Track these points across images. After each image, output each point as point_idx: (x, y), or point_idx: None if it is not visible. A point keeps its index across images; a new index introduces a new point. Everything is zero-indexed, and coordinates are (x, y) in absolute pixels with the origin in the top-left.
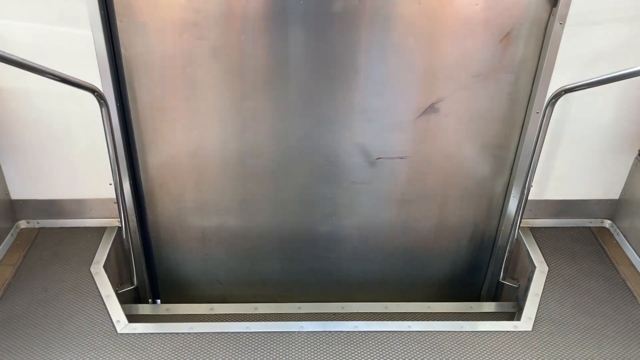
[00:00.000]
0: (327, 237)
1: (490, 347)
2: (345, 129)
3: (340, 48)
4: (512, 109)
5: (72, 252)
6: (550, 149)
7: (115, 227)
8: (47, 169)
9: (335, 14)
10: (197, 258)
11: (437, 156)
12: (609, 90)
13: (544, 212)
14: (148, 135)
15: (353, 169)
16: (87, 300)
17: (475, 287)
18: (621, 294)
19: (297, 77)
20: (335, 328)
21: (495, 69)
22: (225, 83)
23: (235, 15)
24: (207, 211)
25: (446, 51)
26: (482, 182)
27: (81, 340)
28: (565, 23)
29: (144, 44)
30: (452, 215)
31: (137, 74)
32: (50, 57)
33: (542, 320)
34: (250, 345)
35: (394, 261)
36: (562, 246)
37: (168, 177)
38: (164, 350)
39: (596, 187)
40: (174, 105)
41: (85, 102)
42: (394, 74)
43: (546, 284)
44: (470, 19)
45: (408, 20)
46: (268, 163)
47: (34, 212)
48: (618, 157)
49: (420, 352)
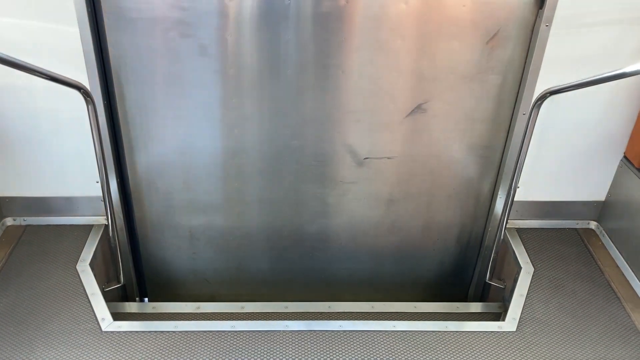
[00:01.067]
0: (315, 236)
1: (475, 347)
2: (333, 129)
3: (328, 48)
4: (498, 110)
5: (58, 250)
6: (537, 151)
7: (102, 225)
8: (34, 166)
9: (322, 14)
10: (184, 256)
11: (424, 156)
12: (595, 92)
13: (530, 213)
14: (135, 133)
15: (341, 168)
16: (72, 298)
17: (463, 288)
18: (605, 295)
19: (285, 76)
20: (321, 327)
21: (482, 70)
22: (213, 81)
23: (223, 14)
24: (195, 209)
25: (433, 52)
26: (469, 182)
27: (65, 338)
28: (551, 25)
29: (132, 41)
30: (439, 215)
31: (125, 71)
32: (37, 54)
33: (526, 320)
34: (235, 344)
35: (381, 261)
36: (548, 247)
37: (155, 175)
38: (148, 349)
39: (582, 189)
40: (162, 103)
41: (72, 99)
42: (382, 74)
43: (531, 284)
44: (458, 20)
45: (395, 21)
46: (256, 162)
47: (20, 209)
48: (604, 158)
49: (405, 351)
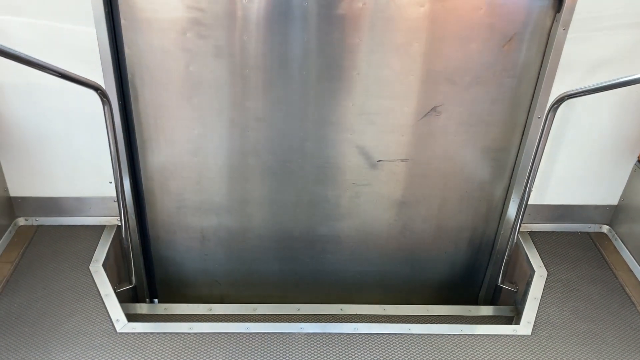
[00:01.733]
0: (326, 238)
1: (490, 350)
2: (346, 131)
3: (343, 50)
4: (513, 113)
5: (70, 250)
6: (551, 154)
7: (114, 225)
8: (47, 166)
9: (338, 16)
10: (195, 258)
11: (437, 159)
12: (609, 96)
13: (543, 216)
14: (149, 134)
15: (354, 170)
16: (86, 299)
17: (473, 291)
18: (620, 300)
19: (299, 78)
20: (335, 330)
21: (497, 73)
22: (228, 83)
23: (239, 15)
24: (207, 211)
25: (449, 55)
26: (482, 185)
27: (80, 339)
28: (568, 29)
29: (147, 42)
30: (451, 218)
31: (140, 72)
32: (53, 54)
33: (541, 324)
34: (250, 346)
35: (392, 263)
36: (561, 251)
37: (168, 176)
38: (164, 350)
39: (595, 193)
40: (176, 104)
41: (86, 99)
42: (396, 76)
43: (545, 288)
44: (474, 23)
45: (411, 24)
46: (269, 163)
47: (32, 209)
48: (617, 163)
49: (420, 354)
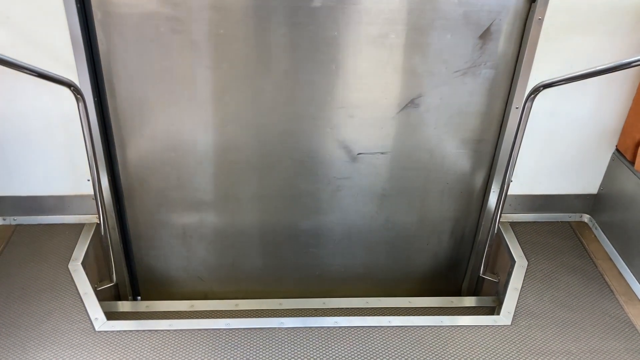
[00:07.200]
0: (308, 232)
1: (470, 341)
2: (326, 125)
3: (320, 43)
4: (491, 104)
5: (49, 249)
6: (530, 144)
7: (93, 223)
8: (24, 164)
9: (315, 8)
10: (177, 254)
11: (417, 151)
12: (587, 85)
13: (523, 206)
14: (127, 130)
15: (334, 164)
16: (64, 297)
17: (456, 282)
18: (599, 288)
19: (277, 71)
20: (316, 324)
21: (474, 64)
22: (205, 77)
23: (215, 9)
24: (188, 207)
25: (426, 46)
26: (462, 177)
27: (58, 339)
28: (544, 19)
29: (122, 37)
30: (432, 210)
31: (115, 68)
32: (25, 51)
33: (521, 314)
34: (230, 342)
35: (375, 256)
36: (541, 241)
37: (147, 172)
38: (143, 348)
39: (575, 182)
40: (153, 100)
41: (62, 97)
42: (375, 69)
43: (525, 278)
44: (450, 14)
45: (388, 15)
46: (249, 158)
47: (10, 208)
48: (596, 152)
49: (401, 347)
